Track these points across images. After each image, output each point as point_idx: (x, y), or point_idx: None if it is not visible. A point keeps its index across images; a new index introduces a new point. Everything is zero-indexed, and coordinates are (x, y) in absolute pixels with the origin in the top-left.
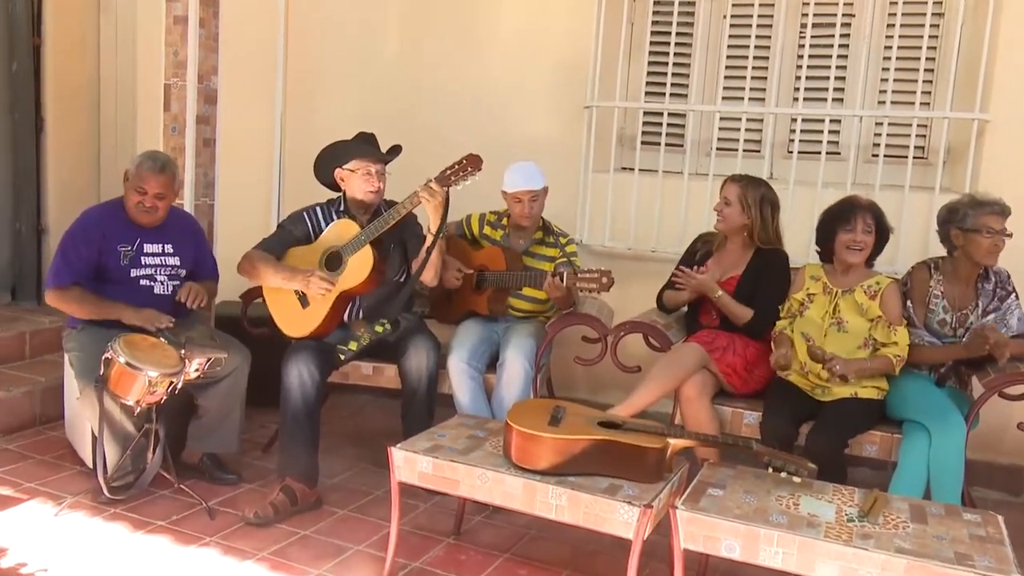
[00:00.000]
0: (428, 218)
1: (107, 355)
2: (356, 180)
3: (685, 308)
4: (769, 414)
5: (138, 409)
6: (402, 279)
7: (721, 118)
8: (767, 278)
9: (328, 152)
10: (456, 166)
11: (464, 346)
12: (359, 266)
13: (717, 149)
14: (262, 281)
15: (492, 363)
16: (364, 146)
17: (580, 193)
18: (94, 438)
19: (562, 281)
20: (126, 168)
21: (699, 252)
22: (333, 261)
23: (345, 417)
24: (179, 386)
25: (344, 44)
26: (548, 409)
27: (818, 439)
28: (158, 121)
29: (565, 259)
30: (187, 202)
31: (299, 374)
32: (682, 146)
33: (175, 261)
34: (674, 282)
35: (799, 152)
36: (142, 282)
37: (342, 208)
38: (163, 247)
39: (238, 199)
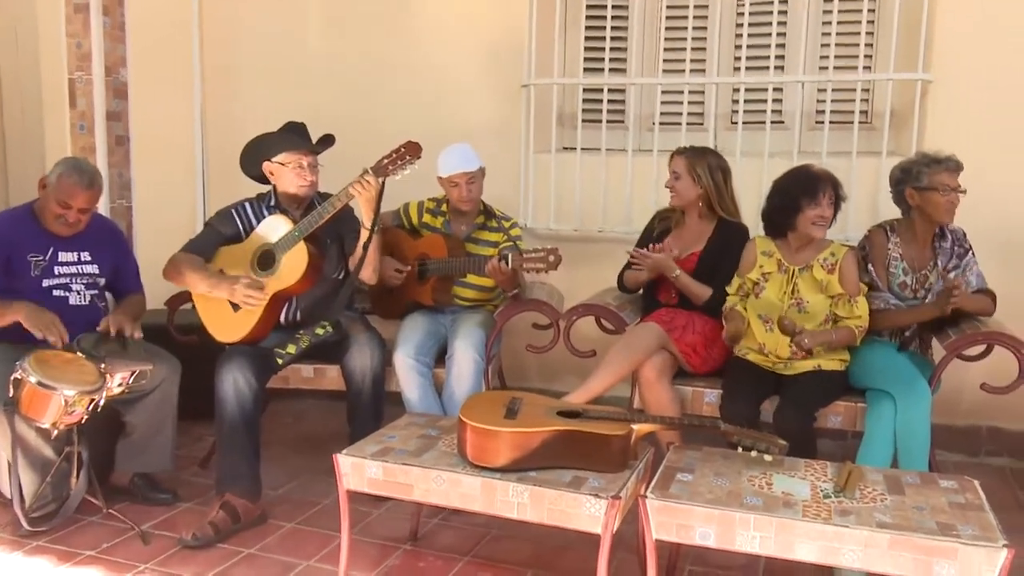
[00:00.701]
0: (361, 212)
1: (16, 374)
2: (287, 174)
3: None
4: (730, 393)
5: (55, 432)
6: (340, 276)
7: (663, 91)
8: (727, 255)
9: (255, 145)
10: (394, 154)
11: (410, 340)
12: (293, 265)
13: (660, 124)
14: (187, 285)
15: (441, 357)
16: (293, 137)
17: (522, 175)
18: (9, 466)
19: (507, 264)
20: (44, 175)
21: (656, 230)
22: (266, 260)
23: (288, 424)
24: (101, 403)
25: (265, 31)
26: (503, 401)
27: (785, 414)
28: (65, 119)
29: (510, 243)
30: (102, 206)
31: (234, 382)
32: (624, 123)
33: (93, 269)
34: (631, 263)
35: (743, 122)
36: (55, 292)
37: (273, 203)
38: (79, 255)
39: (159, 199)
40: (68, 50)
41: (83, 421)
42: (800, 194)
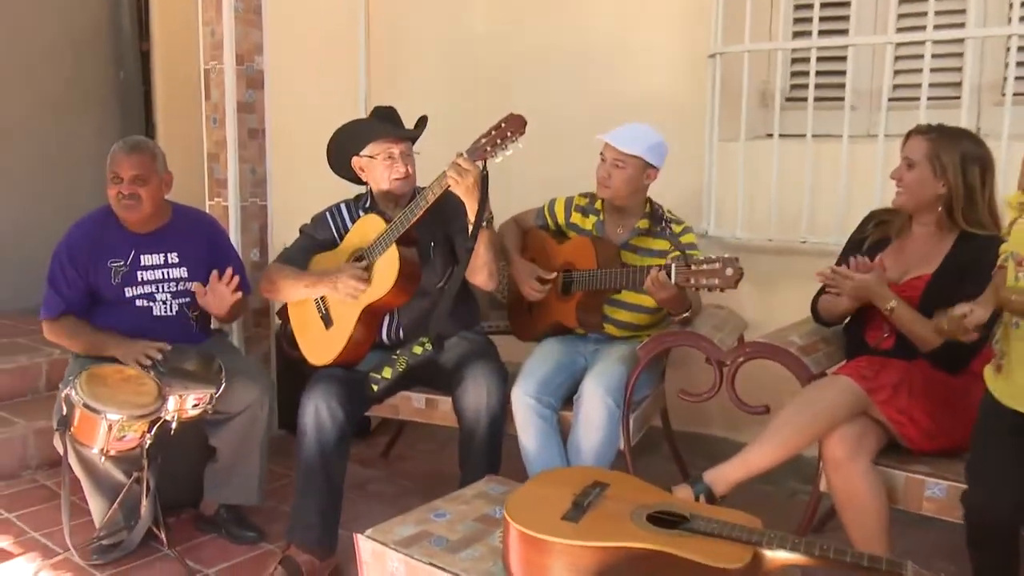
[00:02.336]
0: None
1: (67, 391)
2: (377, 168)
3: (848, 320)
4: (977, 483)
5: (103, 459)
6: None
7: (897, 56)
8: (972, 281)
9: (338, 140)
10: (493, 132)
11: (534, 374)
12: (384, 273)
13: (891, 100)
14: (285, 296)
15: (572, 396)
16: (379, 124)
17: (706, 169)
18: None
19: (669, 276)
20: None
21: (868, 239)
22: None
23: (428, 452)
24: (173, 426)
25: (430, 11)
26: (577, 487)
27: None
28: (201, 113)
29: (679, 253)
30: (231, 204)
31: (315, 412)
32: (841, 99)
33: (181, 273)
34: (826, 285)
35: (1016, 94)
36: (139, 303)
37: (368, 204)
38: (165, 256)
39: (306, 198)
40: (203, 39)
41: (143, 447)
42: None
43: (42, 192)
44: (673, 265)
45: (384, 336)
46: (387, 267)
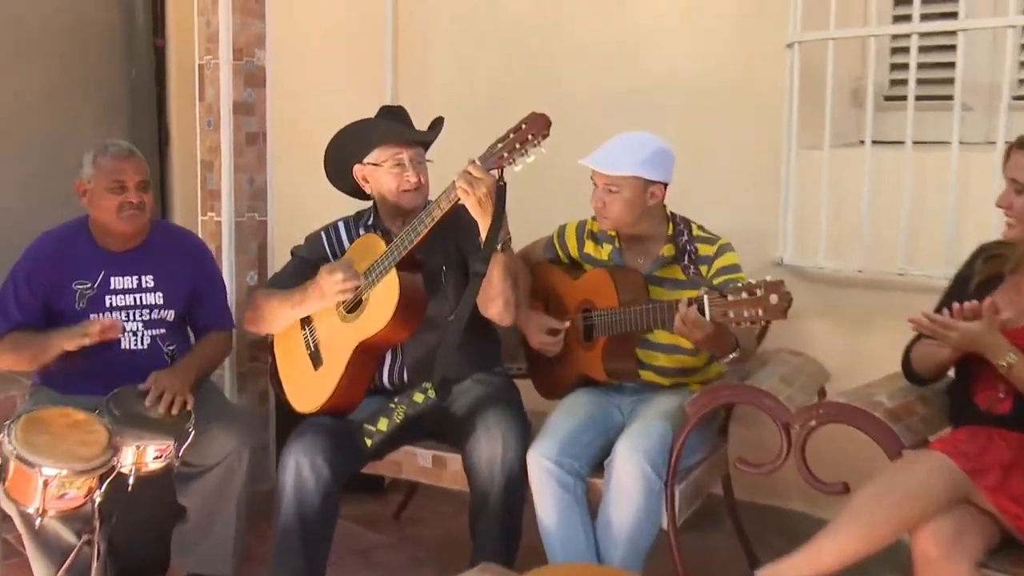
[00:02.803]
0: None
1: (1, 437)
2: (382, 177)
3: (950, 375)
4: None
5: (39, 521)
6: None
7: (1022, 43)
8: None
9: (338, 145)
10: (511, 134)
11: (557, 430)
12: (381, 303)
13: (1014, 98)
14: (271, 325)
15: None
16: (386, 125)
17: (783, 183)
18: None
19: (702, 312)
20: (79, 180)
21: (976, 277)
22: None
23: (447, 515)
24: (129, 482)
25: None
26: None
27: None
28: (194, 114)
29: (722, 278)
30: (224, 219)
31: (295, 469)
32: (950, 97)
33: (155, 299)
34: (925, 331)
35: None
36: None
37: (371, 220)
38: (139, 279)
39: (313, 214)
40: (199, 30)
41: (94, 506)
42: None
43: (42, 198)
44: (706, 297)
45: (385, 379)
46: (384, 296)
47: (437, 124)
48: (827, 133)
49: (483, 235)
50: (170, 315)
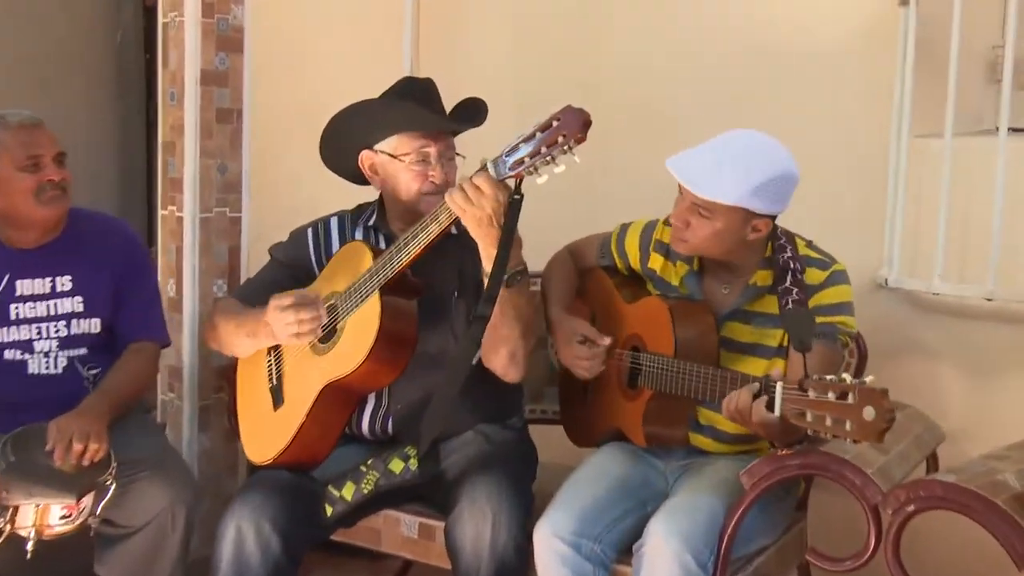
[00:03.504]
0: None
1: None
2: (401, 173)
3: None
4: None
5: None
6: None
7: None
8: None
9: (346, 123)
10: (538, 134)
11: (576, 501)
12: (357, 337)
13: None
14: (229, 348)
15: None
16: (411, 107)
17: (890, 180)
18: None
19: (771, 406)
20: None
21: None
22: (328, 323)
23: None
24: (27, 548)
25: None
26: None
27: None
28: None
29: (825, 320)
30: (187, 214)
31: (236, 538)
32: None
33: (74, 305)
34: None
35: None
36: (7, 355)
37: (373, 221)
38: (53, 281)
39: (301, 210)
40: None
41: None
42: None
43: None
44: (779, 387)
45: (364, 427)
46: (361, 328)
47: (477, 109)
48: (949, 116)
49: (485, 265)
50: (94, 326)
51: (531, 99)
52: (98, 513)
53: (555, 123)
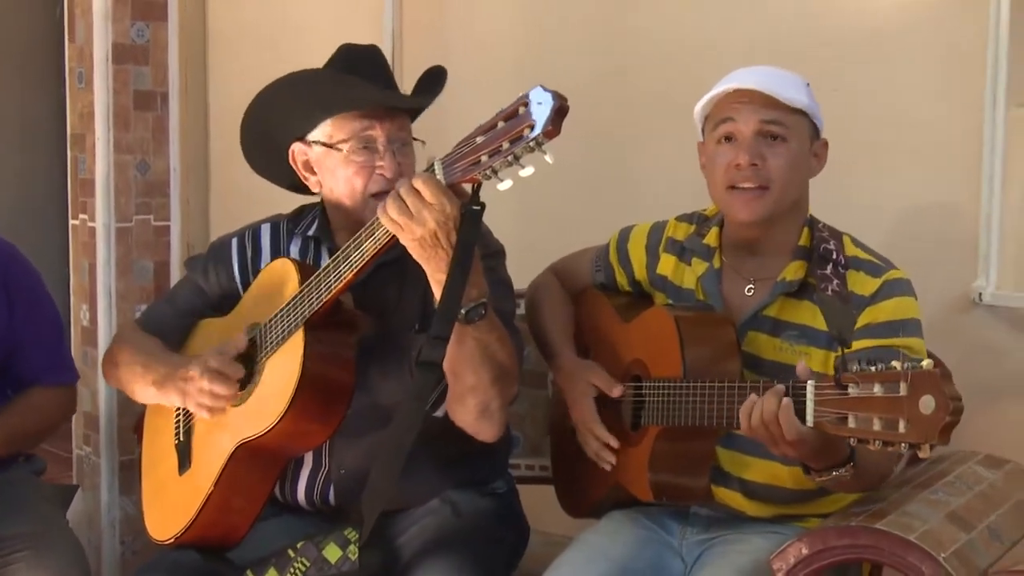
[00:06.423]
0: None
1: None
2: (338, 167)
3: None
4: None
5: None
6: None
7: None
8: None
9: (265, 109)
10: (499, 124)
11: None
12: (274, 385)
13: None
14: (132, 394)
15: None
16: (346, 82)
17: (985, 162)
18: None
19: (801, 414)
20: None
21: None
22: (248, 362)
23: None
24: None
25: None
26: None
27: None
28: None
29: (869, 344)
30: (99, 224)
31: None
32: None
33: None
34: None
35: None
36: None
37: (313, 230)
38: None
39: (247, 215)
40: None
41: None
42: None
43: None
44: (810, 385)
45: (302, 496)
46: (279, 374)
47: (433, 79)
48: None
49: (436, 294)
50: None
51: (536, 71)
52: None
53: (521, 110)
